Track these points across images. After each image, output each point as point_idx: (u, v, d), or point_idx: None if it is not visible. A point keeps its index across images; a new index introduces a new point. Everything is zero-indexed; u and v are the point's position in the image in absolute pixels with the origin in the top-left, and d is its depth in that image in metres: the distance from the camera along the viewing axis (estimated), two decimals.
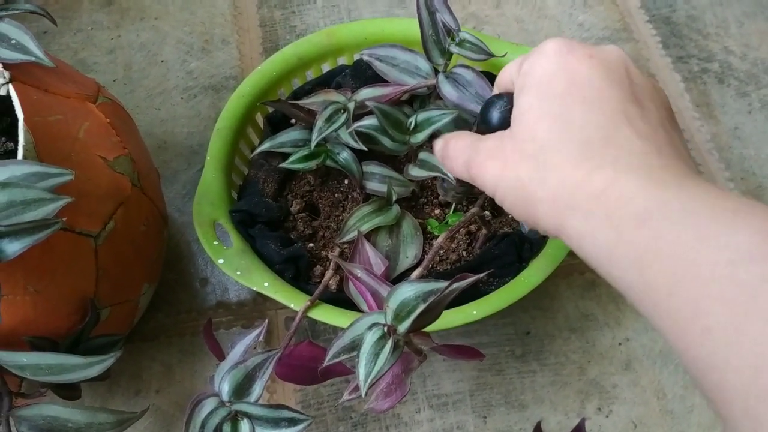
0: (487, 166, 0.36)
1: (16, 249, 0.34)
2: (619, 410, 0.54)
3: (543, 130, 0.33)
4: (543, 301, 0.58)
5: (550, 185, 0.32)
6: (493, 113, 0.38)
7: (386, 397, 0.42)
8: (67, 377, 0.39)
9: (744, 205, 0.27)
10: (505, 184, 0.34)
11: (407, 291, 0.38)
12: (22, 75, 0.42)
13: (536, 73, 0.34)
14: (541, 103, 0.33)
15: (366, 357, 0.37)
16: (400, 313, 0.38)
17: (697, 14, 0.76)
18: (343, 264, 0.45)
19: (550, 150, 0.32)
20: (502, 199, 0.35)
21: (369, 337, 0.38)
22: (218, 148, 0.54)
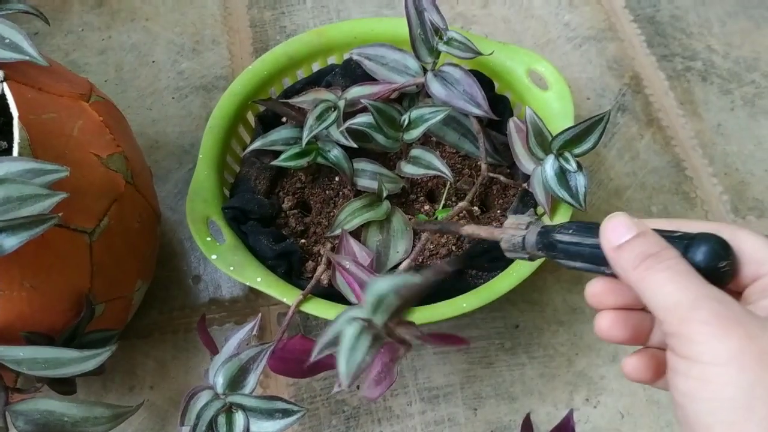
0: (733, 331, 0.27)
1: (13, 244, 0.34)
2: (606, 401, 0.55)
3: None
4: (531, 295, 0.59)
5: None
6: (710, 256, 0.29)
7: (377, 385, 0.43)
8: (63, 371, 0.40)
9: None
10: (745, 377, 0.26)
11: (383, 284, 0.38)
12: (16, 74, 0.42)
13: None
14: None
15: (346, 351, 0.37)
16: (376, 306, 0.38)
17: (680, 14, 0.77)
18: (331, 256, 0.46)
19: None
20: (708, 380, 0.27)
21: (349, 331, 0.38)
22: (210, 146, 0.55)
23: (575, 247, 0.33)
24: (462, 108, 0.51)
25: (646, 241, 0.30)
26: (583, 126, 0.48)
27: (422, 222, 0.51)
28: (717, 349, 0.26)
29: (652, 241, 0.30)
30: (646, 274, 0.29)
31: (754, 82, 0.72)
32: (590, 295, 0.34)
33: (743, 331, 0.26)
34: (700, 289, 0.28)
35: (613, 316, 0.33)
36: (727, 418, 0.26)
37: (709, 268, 0.29)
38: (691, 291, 0.28)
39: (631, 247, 0.30)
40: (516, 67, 0.58)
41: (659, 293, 0.29)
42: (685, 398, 0.28)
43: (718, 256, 0.29)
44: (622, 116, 0.70)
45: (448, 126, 0.56)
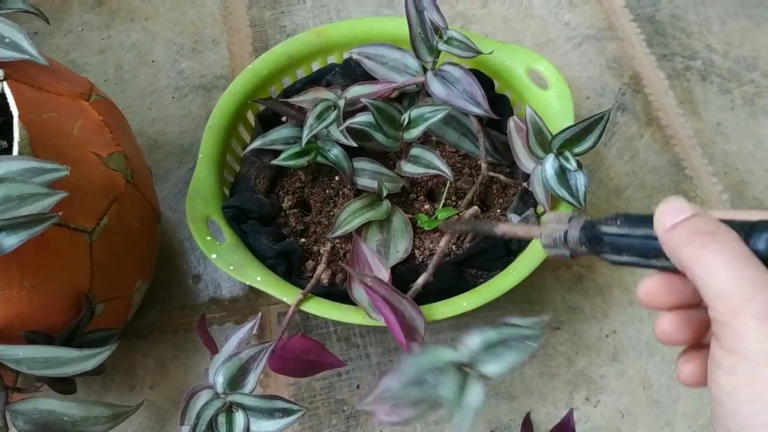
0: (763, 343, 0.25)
1: (13, 242, 0.34)
2: (606, 400, 0.55)
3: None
4: (531, 295, 0.59)
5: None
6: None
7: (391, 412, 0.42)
8: (63, 371, 0.40)
9: None
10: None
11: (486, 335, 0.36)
12: (16, 73, 0.42)
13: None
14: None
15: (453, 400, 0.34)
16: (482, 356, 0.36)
17: (680, 13, 0.77)
18: (351, 271, 0.45)
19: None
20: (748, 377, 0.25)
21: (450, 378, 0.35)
22: (210, 145, 0.55)
23: (624, 239, 0.31)
24: (462, 107, 0.51)
25: (703, 219, 0.28)
26: (582, 125, 0.48)
27: (452, 223, 0.50)
28: (763, 344, 0.25)
29: (710, 220, 0.28)
30: (700, 253, 0.27)
31: (753, 82, 0.72)
32: (644, 293, 0.31)
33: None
34: (758, 279, 0.25)
35: (676, 318, 0.31)
36: (762, 421, 0.25)
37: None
38: (748, 280, 0.25)
39: (686, 224, 0.28)
40: (516, 66, 0.58)
41: (713, 277, 0.26)
42: (725, 395, 0.26)
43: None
44: (621, 115, 0.70)
45: (448, 125, 0.56)
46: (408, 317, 0.43)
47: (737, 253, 0.26)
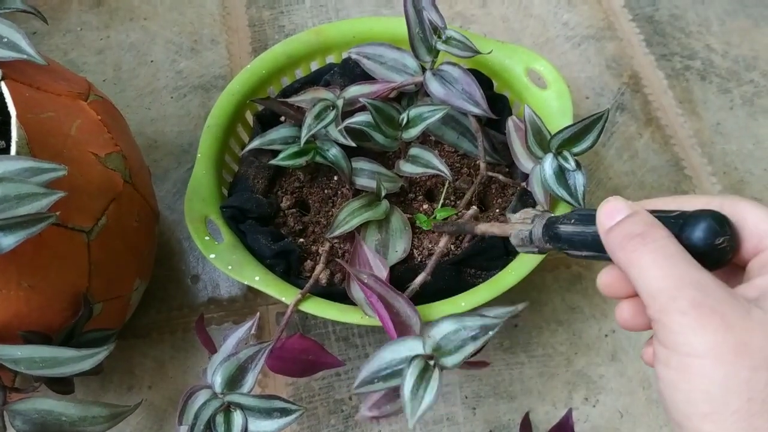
0: (711, 322, 0.26)
1: (11, 242, 0.34)
2: (605, 400, 0.55)
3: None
4: (530, 294, 0.59)
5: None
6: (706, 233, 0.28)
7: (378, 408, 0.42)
8: (61, 370, 0.40)
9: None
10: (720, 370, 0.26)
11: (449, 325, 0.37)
12: (14, 73, 0.42)
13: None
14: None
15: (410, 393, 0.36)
16: (444, 347, 0.37)
17: (679, 13, 0.77)
18: (348, 268, 0.45)
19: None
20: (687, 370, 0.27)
21: (411, 370, 0.36)
22: (209, 145, 0.54)
23: (578, 236, 0.32)
24: (461, 107, 0.51)
25: (635, 220, 0.29)
26: (581, 125, 0.48)
27: (441, 224, 0.51)
28: (693, 342, 0.26)
29: (641, 221, 0.29)
30: (632, 256, 0.29)
31: (752, 81, 0.72)
32: (603, 285, 0.33)
33: (720, 322, 0.26)
34: (683, 275, 0.27)
35: (633, 306, 0.33)
36: (702, 409, 0.26)
37: (706, 247, 0.28)
38: (674, 277, 0.27)
39: (620, 228, 0.30)
40: (515, 66, 0.58)
41: (644, 278, 0.28)
42: (665, 387, 0.28)
43: (714, 233, 0.27)
44: (620, 115, 0.70)
45: (447, 125, 0.56)
46: (403, 315, 0.43)
47: (666, 251, 0.28)
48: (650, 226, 0.29)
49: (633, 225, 0.29)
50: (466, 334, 0.37)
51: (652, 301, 0.28)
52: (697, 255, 0.28)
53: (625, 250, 0.29)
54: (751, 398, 0.25)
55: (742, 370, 0.25)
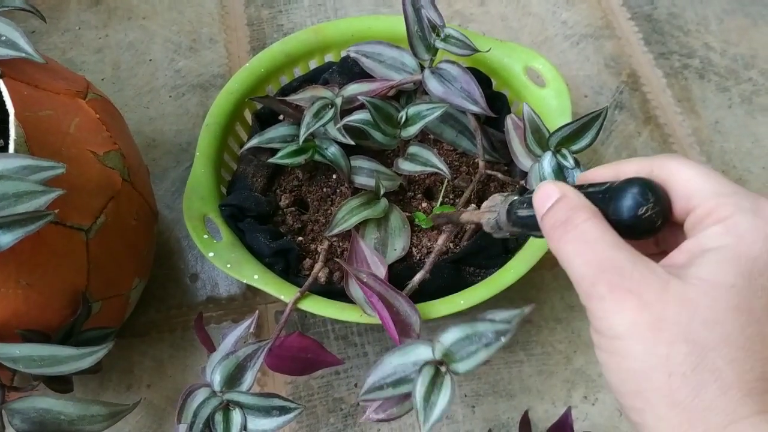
0: (627, 303, 0.26)
1: (9, 240, 0.34)
2: (604, 398, 0.55)
3: (731, 327, 0.25)
4: (529, 293, 0.59)
5: (701, 398, 0.25)
6: (631, 203, 0.27)
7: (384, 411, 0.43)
8: (59, 369, 0.40)
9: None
10: (640, 348, 0.26)
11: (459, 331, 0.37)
12: (13, 71, 0.42)
13: (755, 245, 0.26)
14: (745, 291, 0.26)
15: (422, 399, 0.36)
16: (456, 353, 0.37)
17: (677, 11, 0.77)
18: (347, 266, 0.45)
19: (726, 356, 0.25)
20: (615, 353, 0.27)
21: (422, 377, 0.36)
22: (207, 143, 0.54)
23: (532, 220, 0.32)
24: (459, 105, 0.51)
25: (560, 206, 0.30)
26: (580, 122, 0.48)
27: (435, 216, 0.51)
28: (614, 324, 0.26)
29: (566, 206, 0.29)
30: (558, 246, 0.29)
31: (751, 80, 0.72)
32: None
33: (636, 302, 0.26)
34: (602, 260, 0.27)
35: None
36: (631, 388, 0.27)
37: (631, 218, 0.27)
38: (593, 263, 0.27)
39: (548, 215, 0.30)
40: (513, 64, 0.58)
41: (569, 267, 0.29)
42: (604, 370, 0.28)
43: (637, 204, 0.27)
44: (619, 113, 0.70)
45: (446, 123, 0.56)
46: (403, 314, 0.43)
47: (586, 237, 0.28)
48: (574, 210, 0.29)
49: (558, 212, 0.30)
50: (479, 341, 0.36)
51: (578, 288, 0.28)
52: (624, 228, 0.28)
53: (553, 240, 0.29)
54: (671, 373, 0.25)
55: (659, 346, 0.26)
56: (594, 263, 0.27)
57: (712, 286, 0.26)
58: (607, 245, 0.27)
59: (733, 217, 0.27)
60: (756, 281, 0.26)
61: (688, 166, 0.29)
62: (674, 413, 0.25)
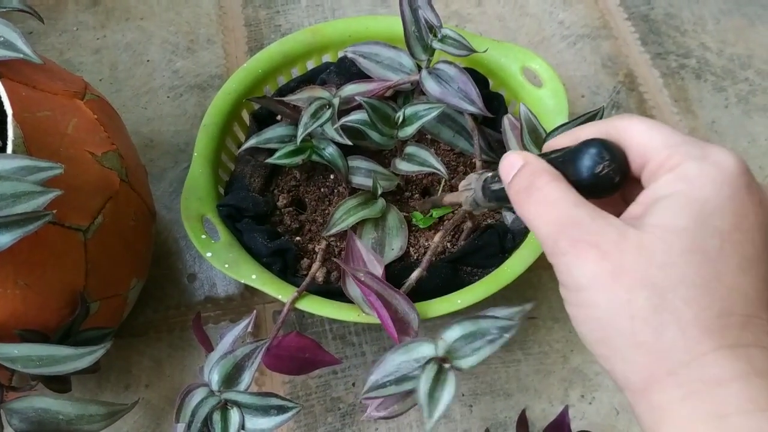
0: (587, 255, 0.27)
1: (7, 241, 0.34)
2: (602, 397, 0.55)
3: (686, 268, 0.26)
4: (526, 292, 0.59)
5: (662, 338, 0.26)
6: (589, 163, 0.29)
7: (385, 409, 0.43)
8: (58, 369, 0.40)
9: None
10: (603, 296, 0.27)
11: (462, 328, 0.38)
12: (10, 72, 0.42)
13: (704, 189, 0.27)
14: (697, 232, 0.27)
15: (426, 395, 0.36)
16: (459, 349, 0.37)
17: (674, 11, 0.77)
18: (344, 265, 0.46)
19: (684, 297, 0.26)
20: (582, 304, 0.28)
21: (426, 373, 0.37)
22: (205, 144, 0.55)
23: (504, 192, 0.33)
24: (456, 105, 0.51)
25: (523, 173, 0.31)
26: (576, 122, 0.48)
27: (422, 203, 0.53)
28: (577, 276, 0.28)
29: (528, 172, 0.31)
30: (523, 211, 0.31)
31: (747, 80, 0.72)
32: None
33: (595, 253, 0.27)
34: (562, 218, 0.28)
35: None
36: (598, 336, 0.28)
37: (589, 178, 0.29)
38: (554, 222, 0.29)
39: (513, 183, 0.32)
40: (510, 64, 0.58)
41: (534, 228, 0.30)
42: (574, 324, 0.29)
43: (594, 163, 0.29)
44: (616, 113, 0.70)
45: (443, 123, 0.56)
46: (401, 312, 0.44)
47: (547, 198, 0.29)
48: (535, 175, 0.30)
49: (521, 178, 0.31)
50: (483, 337, 0.37)
51: (544, 248, 0.30)
52: (585, 187, 0.29)
53: (518, 205, 0.31)
54: (633, 316, 0.27)
55: (620, 293, 0.27)
56: (556, 222, 0.29)
57: (666, 231, 0.27)
58: (568, 204, 0.29)
59: (682, 165, 0.28)
60: (707, 223, 0.27)
61: (640, 123, 0.30)
62: (639, 354, 0.27)
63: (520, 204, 0.31)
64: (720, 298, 0.26)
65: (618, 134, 0.30)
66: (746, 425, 0.24)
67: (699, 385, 0.25)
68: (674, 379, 0.26)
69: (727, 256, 0.27)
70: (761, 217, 0.28)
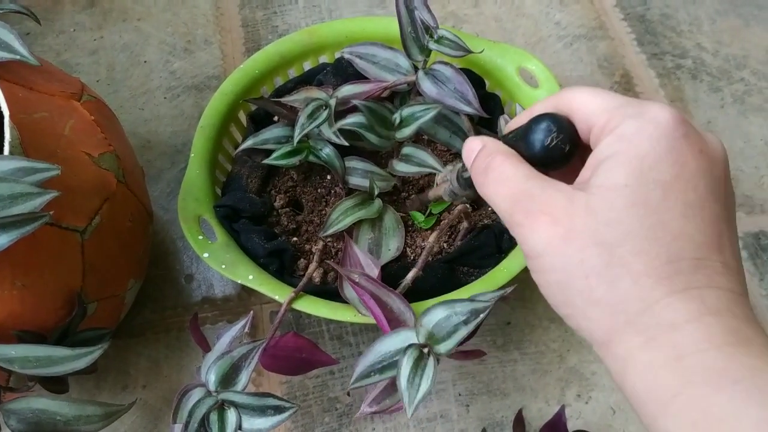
0: (540, 223, 0.29)
1: (4, 242, 0.34)
2: (598, 396, 0.55)
3: (631, 222, 0.27)
4: (523, 292, 0.59)
5: (617, 291, 0.27)
6: (539, 137, 0.30)
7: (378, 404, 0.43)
8: (55, 369, 0.40)
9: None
10: (559, 259, 0.28)
11: (439, 312, 0.39)
12: (7, 73, 0.43)
13: (641, 145, 0.28)
14: (638, 187, 0.28)
15: (406, 382, 0.37)
16: (437, 334, 0.38)
17: (670, 12, 0.78)
18: (339, 269, 0.46)
19: (632, 250, 0.27)
20: (542, 270, 0.30)
21: (406, 360, 0.38)
22: (202, 145, 0.55)
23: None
24: (453, 106, 0.51)
25: (480, 156, 0.33)
26: None
27: (411, 201, 0.55)
28: (534, 244, 0.29)
29: (484, 154, 0.33)
30: (483, 192, 0.33)
31: (743, 80, 0.73)
32: None
33: (547, 220, 0.29)
34: (516, 192, 0.30)
35: None
36: (561, 299, 0.29)
37: (541, 151, 0.30)
38: (509, 198, 0.30)
39: (474, 165, 0.33)
40: (506, 65, 0.59)
41: (494, 206, 0.32)
42: (542, 291, 0.31)
43: (544, 136, 0.30)
44: None
45: (440, 124, 0.56)
46: (396, 311, 0.44)
47: (501, 176, 0.31)
48: (492, 156, 0.32)
49: (479, 160, 0.33)
50: (458, 319, 0.38)
51: (505, 223, 0.31)
52: (539, 160, 0.31)
53: (479, 186, 0.33)
54: (587, 275, 0.28)
55: (573, 254, 0.28)
56: (510, 197, 0.30)
57: (608, 190, 0.28)
58: (520, 179, 0.30)
59: (621, 125, 0.29)
60: (648, 176, 0.28)
61: (583, 92, 0.32)
62: (597, 310, 0.28)
63: (480, 185, 0.33)
64: (667, 245, 0.27)
65: (565, 106, 0.32)
66: (702, 363, 0.25)
67: (656, 330, 0.26)
68: (633, 329, 0.27)
69: (671, 205, 0.28)
70: (703, 162, 0.29)
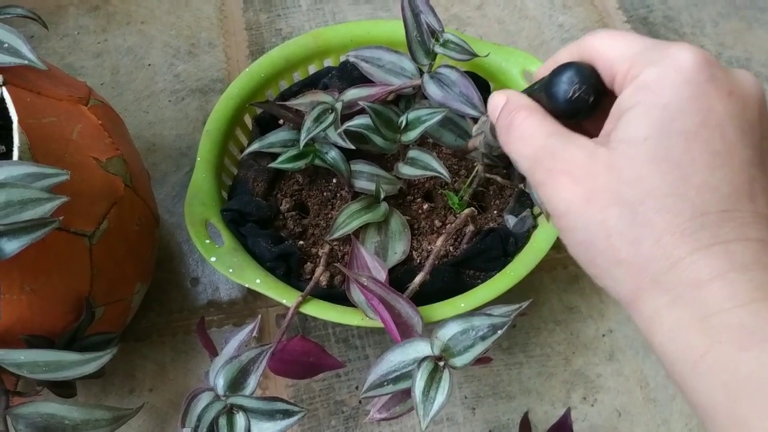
0: (561, 183, 0.28)
1: (14, 248, 0.35)
2: (603, 399, 0.55)
3: (652, 179, 0.26)
4: (529, 295, 0.59)
5: (640, 251, 0.27)
6: (562, 89, 0.29)
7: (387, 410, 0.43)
8: (63, 374, 0.40)
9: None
10: (581, 220, 0.28)
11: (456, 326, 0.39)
12: (15, 78, 0.43)
13: (663, 93, 0.27)
14: (660, 140, 0.26)
15: (421, 394, 0.37)
16: (453, 348, 0.38)
17: (673, 14, 0.78)
18: (347, 271, 0.46)
19: (654, 207, 0.26)
20: (566, 230, 0.29)
21: (421, 372, 0.38)
22: (208, 149, 0.55)
23: None
24: (458, 109, 0.51)
25: (504, 112, 0.32)
26: None
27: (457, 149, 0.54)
28: (557, 204, 0.29)
29: (508, 109, 0.32)
30: (507, 148, 0.32)
31: None
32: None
33: (568, 180, 0.28)
34: (537, 149, 0.30)
35: None
36: (587, 257, 0.29)
37: (564, 103, 0.29)
38: (531, 156, 0.30)
39: (498, 122, 0.33)
40: (511, 68, 0.59)
41: (518, 164, 0.31)
42: (569, 249, 0.30)
43: (566, 88, 0.29)
44: None
45: (445, 127, 0.56)
46: (404, 315, 0.44)
47: (526, 132, 0.30)
48: (515, 111, 0.31)
49: (503, 117, 0.32)
50: (475, 334, 0.38)
51: (529, 181, 0.30)
52: (563, 112, 0.30)
53: (504, 144, 0.32)
54: (609, 235, 0.27)
55: (594, 214, 0.28)
56: (532, 155, 0.30)
57: (630, 145, 0.27)
58: (542, 136, 0.30)
59: (642, 73, 0.28)
60: (669, 128, 0.27)
61: (605, 37, 0.30)
62: (621, 270, 0.28)
63: (504, 143, 0.32)
64: (690, 200, 0.26)
65: (588, 53, 0.31)
66: (728, 322, 0.25)
67: (681, 289, 0.26)
68: (658, 288, 0.26)
69: (695, 157, 0.26)
70: (731, 106, 0.27)
